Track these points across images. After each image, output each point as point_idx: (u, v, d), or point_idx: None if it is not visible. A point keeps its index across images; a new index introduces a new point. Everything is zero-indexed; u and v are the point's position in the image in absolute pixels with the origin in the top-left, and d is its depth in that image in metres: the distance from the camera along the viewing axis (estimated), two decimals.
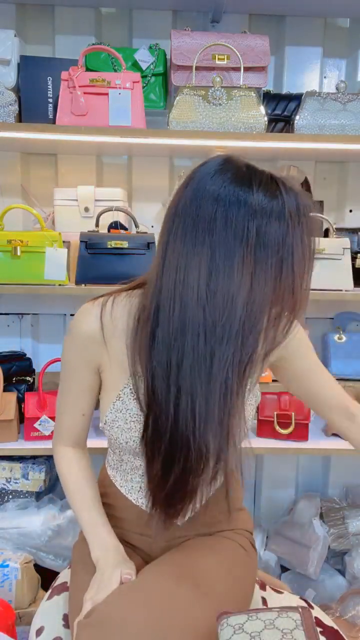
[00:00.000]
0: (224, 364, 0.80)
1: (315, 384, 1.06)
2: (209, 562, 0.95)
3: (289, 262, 0.80)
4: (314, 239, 0.83)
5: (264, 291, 0.79)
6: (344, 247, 1.60)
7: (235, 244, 0.78)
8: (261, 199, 0.78)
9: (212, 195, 0.79)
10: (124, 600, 0.83)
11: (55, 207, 1.73)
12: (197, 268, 0.79)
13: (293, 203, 0.80)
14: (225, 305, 0.79)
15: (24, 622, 1.49)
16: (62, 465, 1.05)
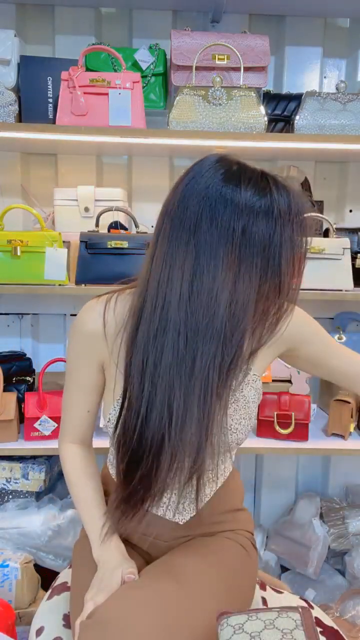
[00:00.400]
0: (205, 363, 0.80)
1: (337, 362, 1.05)
2: (211, 563, 0.95)
3: (276, 261, 0.78)
4: (306, 238, 0.81)
5: (248, 291, 0.78)
6: (344, 247, 1.60)
7: (220, 244, 0.77)
8: (249, 197, 0.77)
9: (199, 194, 0.79)
10: (126, 601, 0.83)
11: (55, 207, 1.73)
12: (182, 267, 0.79)
13: (284, 201, 0.78)
14: (208, 304, 0.78)
15: (24, 622, 1.49)
16: (66, 462, 1.05)
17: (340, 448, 1.60)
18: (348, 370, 1.05)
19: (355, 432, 1.70)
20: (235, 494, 1.10)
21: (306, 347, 1.04)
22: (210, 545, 1.00)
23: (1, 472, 1.71)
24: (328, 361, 1.05)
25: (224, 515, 1.06)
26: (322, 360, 1.05)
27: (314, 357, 1.05)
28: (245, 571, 1.00)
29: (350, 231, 1.77)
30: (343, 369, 1.05)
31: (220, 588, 0.91)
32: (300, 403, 1.60)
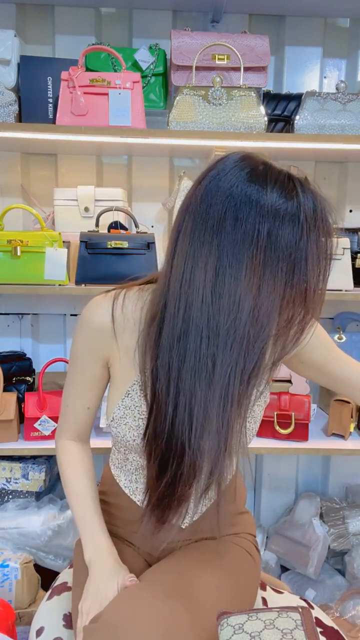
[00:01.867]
0: (226, 370, 0.77)
1: (339, 370, 1.04)
2: (215, 566, 0.94)
3: (302, 266, 0.75)
4: (331, 242, 0.78)
5: (273, 296, 0.75)
6: (344, 247, 1.60)
7: (244, 246, 0.74)
8: (275, 199, 0.74)
9: (223, 193, 0.76)
10: (130, 605, 0.82)
11: (55, 207, 1.73)
12: (204, 269, 0.76)
13: (310, 205, 0.76)
14: (230, 309, 0.75)
15: (24, 622, 1.49)
16: (62, 459, 1.04)
17: (340, 448, 1.60)
18: (351, 378, 1.04)
19: (355, 432, 1.70)
20: (239, 496, 1.10)
21: (311, 353, 1.02)
22: (214, 548, 0.99)
23: (1, 472, 1.71)
24: (331, 368, 1.04)
25: (227, 518, 1.05)
26: (326, 366, 1.04)
27: (317, 363, 1.04)
28: (249, 575, 0.99)
29: (350, 231, 1.77)
30: (345, 377, 1.04)
31: (225, 591, 0.90)
32: (300, 403, 1.60)
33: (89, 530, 0.96)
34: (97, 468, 1.09)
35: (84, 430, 1.05)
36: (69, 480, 1.02)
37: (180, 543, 1.01)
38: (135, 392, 0.92)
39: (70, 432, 1.05)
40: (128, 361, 0.92)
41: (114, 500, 1.04)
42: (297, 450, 1.60)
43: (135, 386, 0.92)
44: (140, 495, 1.00)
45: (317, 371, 1.05)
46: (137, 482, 1.01)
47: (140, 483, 1.00)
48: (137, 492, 1.01)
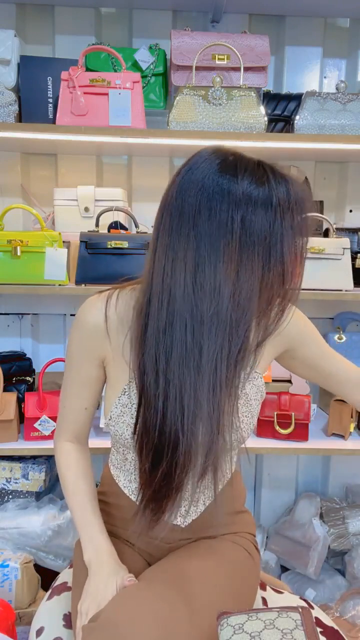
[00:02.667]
0: (213, 355, 0.80)
1: (330, 366, 1.06)
2: (215, 565, 0.94)
3: (278, 249, 0.78)
4: (306, 225, 0.81)
5: (252, 280, 0.78)
6: (344, 247, 1.60)
7: (219, 235, 0.77)
8: (246, 186, 0.77)
9: (196, 186, 0.79)
10: (130, 604, 0.83)
11: (55, 207, 1.73)
12: (183, 261, 0.79)
13: (282, 189, 0.78)
14: (212, 297, 0.78)
15: (24, 622, 1.49)
16: (61, 461, 1.04)
17: (340, 448, 1.60)
18: (340, 374, 1.06)
19: (355, 432, 1.71)
20: (238, 495, 1.10)
21: (303, 349, 1.04)
22: (213, 547, 1.00)
23: (1, 472, 1.71)
24: (322, 365, 1.06)
25: (227, 517, 1.05)
26: (317, 363, 1.06)
27: (309, 359, 1.06)
28: (249, 574, 1.00)
29: (350, 231, 1.77)
30: (335, 373, 1.07)
31: (225, 591, 0.91)
32: (300, 403, 1.60)
33: (88, 531, 0.97)
34: (97, 468, 1.09)
35: (82, 431, 1.05)
36: (68, 482, 1.02)
37: (179, 542, 1.01)
38: (132, 390, 0.93)
39: (69, 433, 1.05)
40: (122, 359, 0.93)
41: (114, 501, 1.05)
42: (297, 450, 1.60)
43: (131, 384, 0.93)
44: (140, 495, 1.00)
45: (308, 367, 1.07)
46: (136, 482, 1.00)
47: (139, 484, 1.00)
48: (136, 491, 1.00)
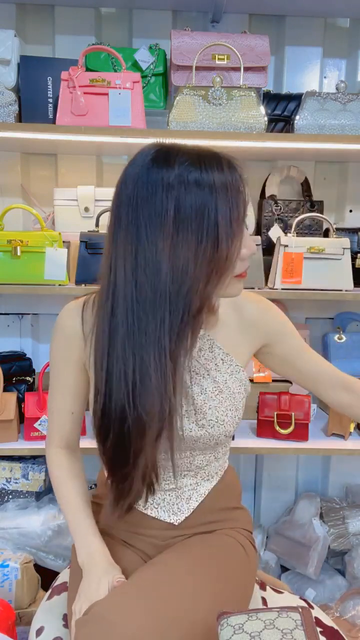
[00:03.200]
0: (155, 330, 0.83)
1: (305, 364, 1.07)
2: (207, 559, 0.95)
3: (212, 222, 0.81)
4: (243, 199, 0.84)
5: (186, 253, 0.81)
6: (344, 247, 1.60)
7: (155, 217, 0.81)
8: (179, 170, 0.81)
9: (132, 180, 0.83)
10: (121, 597, 0.84)
11: (55, 207, 1.73)
12: (124, 250, 0.83)
13: (215, 168, 0.82)
14: (151, 274, 0.82)
15: (24, 622, 1.49)
16: (52, 467, 1.06)
17: (340, 448, 1.60)
18: (315, 373, 1.08)
19: (355, 432, 1.70)
20: (232, 491, 1.10)
21: (281, 345, 1.06)
22: (207, 541, 1.00)
23: (1, 472, 1.71)
24: (299, 362, 1.07)
25: (221, 513, 1.06)
26: (294, 360, 1.07)
27: (286, 356, 1.07)
28: (242, 568, 1.00)
29: (350, 231, 1.77)
30: (310, 371, 1.08)
31: (216, 583, 0.91)
32: (300, 403, 1.60)
33: (80, 534, 0.98)
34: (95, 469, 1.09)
35: (71, 437, 1.07)
36: (59, 487, 1.04)
37: (174, 540, 1.02)
38: None
39: (58, 439, 1.06)
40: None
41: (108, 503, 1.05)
42: (297, 450, 1.60)
43: None
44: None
45: (284, 364, 1.08)
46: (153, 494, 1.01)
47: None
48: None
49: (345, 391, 1.07)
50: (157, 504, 1.01)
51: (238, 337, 1.03)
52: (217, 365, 1.00)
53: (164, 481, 1.01)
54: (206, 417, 0.96)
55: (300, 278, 1.59)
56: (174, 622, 0.80)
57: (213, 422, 0.96)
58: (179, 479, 1.01)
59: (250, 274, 1.59)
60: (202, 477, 1.03)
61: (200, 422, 0.96)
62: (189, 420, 0.96)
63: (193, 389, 0.97)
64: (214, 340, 1.01)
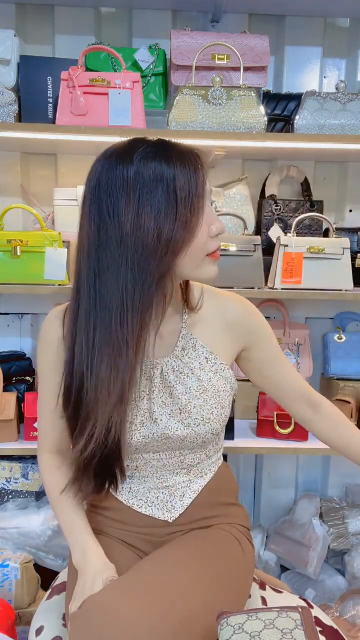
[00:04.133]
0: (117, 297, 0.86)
1: (277, 373, 1.08)
2: (202, 553, 0.96)
3: (172, 191, 0.83)
4: (202, 176, 0.87)
5: (148, 223, 0.83)
6: (344, 247, 1.60)
7: (116, 192, 0.84)
8: (139, 152, 0.85)
9: (95, 168, 0.88)
10: (112, 591, 0.84)
11: (55, 207, 1.73)
12: (87, 230, 0.87)
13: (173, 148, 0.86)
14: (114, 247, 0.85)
15: (24, 622, 1.49)
16: (45, 473, 1.07)
17: None
18: (278, 381, 1.08)
19: None
20: (227, 488, 1.10)
21: (257, 349, 1.07)
22: (202, 536, 1.01)
23: (1, 472, 1.71)
24: (271, 370, 1.08)
25: (217, 509, 1.06)
26: (268, 368, 1.08)
27: (262, 362, 1.08)
28: (238, 562, 1.00)
29: (350, 231, 1.77)
30: (278, 380, 1.08)
31: (211, 577, 0.92)
32: None
33: (74, 535, 0.99)
34: None
35: (61, 442, 1.07)
36: (51, 493, 1.05)
37: (170, 537, 1.03)
38: None
39: (49, 444, 1.07)
40: None
41: (103, 504, 1.06)
42: (297, 450, 1.60)
43: None
44: (126, 495, 1.03)
45: (257, 370, 1.09)
46: (123, 483, 1.03)
47: (126, 484, 1.03)
48: (123, 492, 1.03)
49: (309, 407, 1.09)
50: (151, 502, 1.01)
51: (221, 336, 1.03)
52: (201, 364, 1.00)
53: (158, 480, 1.01)
54: (191, 416, 0.97)
55: (300, 278, 1.59)
56: (168, 616, 0.80)
57: (199, 421, 0.97)
58: (172, 477, 1.02)
59: (250, 274, 1.60)
60: (195, 474, 1.04)
61: (185, 421, 0.97)
62: (175, 420, 0.97)
63: (177, 388, 0.97)
64: (197, 339, 1.01)
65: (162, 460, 1.00)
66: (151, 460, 1.00)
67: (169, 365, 0.99)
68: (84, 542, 0.97)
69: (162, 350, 0.99)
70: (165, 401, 0.97)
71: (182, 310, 1.02)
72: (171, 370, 0.98)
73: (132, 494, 1.02)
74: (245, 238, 1.62)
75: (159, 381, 0.98)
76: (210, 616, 0.83)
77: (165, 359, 0.99)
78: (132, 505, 1.02)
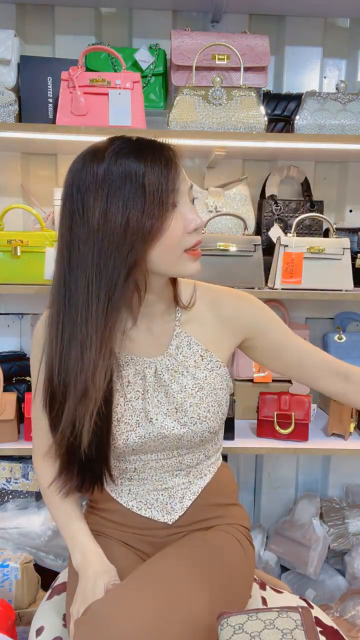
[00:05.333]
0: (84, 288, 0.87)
1: (292, 353, 1.04)
2: (204, 555, 0.96)
3: (140, 187, 0.83)
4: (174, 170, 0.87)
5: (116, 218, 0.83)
6: (344, 247, 1.60)
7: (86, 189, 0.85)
8: (112, 148, 0.86)
9: (70, 170, 0.89)
10: (119, 597, 0.84)
11: (55, 207, 1.73)
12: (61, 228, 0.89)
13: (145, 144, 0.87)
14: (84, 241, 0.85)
15: (24, 622, 1.49)
16: (40, 478, 1.07)
17: (340, 448, 1.60)
18: (305, 363, 1.04)
19: (355, 432, 1.71)
20: (227, 488, 1.10)
21: (263, 338, 1.04)
22: (203, 538, 1.01)
23: (1, 472, 1.71)
24: (283, 352, 1.04)
25: (217, 510, 1.06)
26: (281, 350, 1.04)
27: (271, 347, 1.04)
28: (239, 563, 1.00)
29: (350, 231, 1.77)
30: (296, 360, 1.04)
31: (213, 580, 0.91)
32: (300, 403, 1.60)
33: (73, 537, 0.99)
34: None
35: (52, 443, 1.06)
36: (50, 498, 1.04)
37: (170, 538, 1.02)
38: None
39: (43, 448, 1.06)
40: None
41: (102, 505, 1.06)
42: (297, 450, 1.60)
43: None
44: (126, 497, 1.02)
45: (271, 358, 1.06)
46: (122, 485, 1.03)
47: (125, 486, 1.03)
48: (122, 494, 1.03)
49: (338, 379, 1.03)
50: (150, 504, 1.01)
51: (216, 333, 1.02)
52: (196, 362, 0.99)
53: (157, 482, 1.01)
54: (187, 414, 0.96)
55: (300, 278, 1.59)
56: (171, 620, 0.80)
57: (195, 419, 0.96)
58: (171, 478, 1.02)
59: (250, 274, 1.60)
60: (194, 475, 1.03)
61: (181, 420, 0.96)
62: (171, 419, 0.96)
63: (172, 387, 0.97)
64: (192, 337, 1.01)
65: (160, 460, 1.00)
66: (149, 461, 0.99)
67: (163, 364, 0.98)
68: (83, 543, 0.97)
69: (156, 349, 0.99)
70: (160, 400, 0.97)
71: (175, 309, 1.02)
72: (165, 369, 0.98)
73: (131, 495, 1.02)
74: (245, 238, 1.62)
75: (153, 380, 0.97)
76: (213, 618, 0.83)
77: (158, 357, 0.99)
78: (132, 507, 1.02)
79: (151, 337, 0.99)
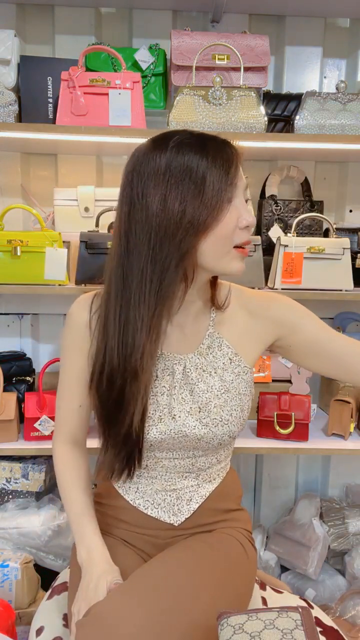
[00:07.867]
0: (139, 272, 0.88)
1: (330, 348, 1.01)
2: (207, 558, 0.95)
3: (200, 178, 0.85)
4: (234, 165, 0.89)
5: (173, 207, 0.85)
6: (344, 247, 1.60)
7: (147, 176, 0.87)
8: (175, 140, 0.88)
9: (132, 156, 0.92)
10: (120, 598, 0.84)
11: (55, 207, 1.73)
12: (119, 212, 0.91)
13: (207, 138, 0.89)
14: (141, 228, 0.87)
15: (24, 622, 1.49)
16: (58, 464, 1.06)
17: (340, 448, 1.59)
18: (344, 356, 1.01)
19: (355, 432, 1.70)
20: (233, 494, 1.10)
21: (295, 336, 1.02)
22: (206, 540, 1.01)
23: (1, 472, 1.71)
24: (320, 347, 1.01)
25: (221, 514, 1.06)
26: (317, 346, 1.01)
27: (307, 344, 1.02)
28: (241, 567, 1.00)
29: (350, 231, 1.77)
30: (340, 358, 1.01)
31: (216, 582, 0.91)
32: (300, 403, 1.60)
33: (81, 532, 0.98)
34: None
35: (78, 432, 1.07)
36: (64, 486, 1.04)
37: (174, 539, 1.02)
38: None
39: (65, 434, 1.06)
40: None
41: (109, 502, 1.06)
42: (297, 450, 1.60)
43: None
44: (133, 495, 1.02)
45: (307, 356, 1.03)
46: (130, 482, 1.02)
47: (133, 483, 1.02)
48: (129, 491, 1.03)
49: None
50: (157, 504, 1.01)
51: (247, 335, 1.02)
52: (224, 364, 0.99)
53: (166, 482, 1.01)
54: (210, 415, 0.96)
55: (300, 278, 1.59)
56: (173, 623, 0.80)
57: (217, 420, 0.96)
58: (180, 480, 1.01)
59: (250, 274, 1.60)
60: (203, 479, 1.03)
61: (204, 420, 0.96)
62: (193, 418, 0.96)
63: (199, 385, 0.97)
64: (223, 338, 1.01)
65: (173, 460, 0.99)
66: (162, 459, 0.99)
67: (192, 361, 0.98)
68: (90, 541, 0.96)
69: (187, 347, 0.99)
70: (185, 398, 0.96)
71: (210, 309, 1.02)
72: (194, 367, 0.98)
73: (138, 493, 1.02)
74: None
75: (181, 377, 0.97)
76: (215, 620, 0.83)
77: (189, 355, 0.99)
78: (138, 505, 1.02)
79: (183, 334, 0.99)
